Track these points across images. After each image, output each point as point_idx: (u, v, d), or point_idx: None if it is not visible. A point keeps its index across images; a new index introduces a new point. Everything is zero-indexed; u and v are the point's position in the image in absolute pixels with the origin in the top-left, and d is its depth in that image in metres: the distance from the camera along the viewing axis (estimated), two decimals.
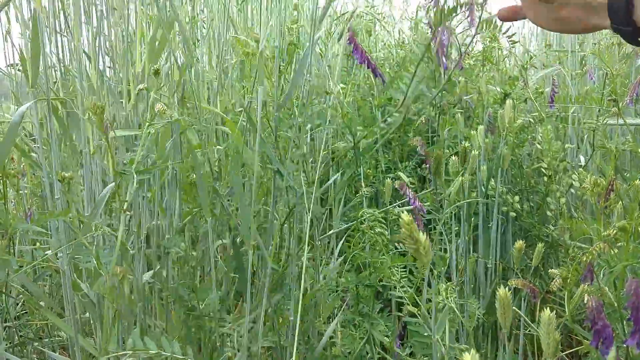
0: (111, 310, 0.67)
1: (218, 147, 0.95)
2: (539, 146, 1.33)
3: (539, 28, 2.37)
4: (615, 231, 0.61)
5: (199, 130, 1.10)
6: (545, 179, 1.34)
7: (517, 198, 1.34)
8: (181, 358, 0.61)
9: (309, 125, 0.94)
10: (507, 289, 0.60)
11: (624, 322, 0.64)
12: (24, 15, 1.12)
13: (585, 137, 1.48)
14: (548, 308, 0.53)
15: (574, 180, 1.25)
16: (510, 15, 0.67)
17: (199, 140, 0.97)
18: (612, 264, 0.62)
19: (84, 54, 0.95)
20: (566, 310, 0.61)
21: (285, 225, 0.98)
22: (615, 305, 0.63)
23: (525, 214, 1.38)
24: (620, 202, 0.83)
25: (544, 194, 1.38)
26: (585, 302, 0.59)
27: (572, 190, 1.32)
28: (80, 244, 0.71)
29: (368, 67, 1.03)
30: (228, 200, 0.95)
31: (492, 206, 1.28)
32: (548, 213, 1.27)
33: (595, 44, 1.35)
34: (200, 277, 1.07)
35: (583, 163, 1.46)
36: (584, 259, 0.60)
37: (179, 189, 0.95)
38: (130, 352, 0.60)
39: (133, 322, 0.89)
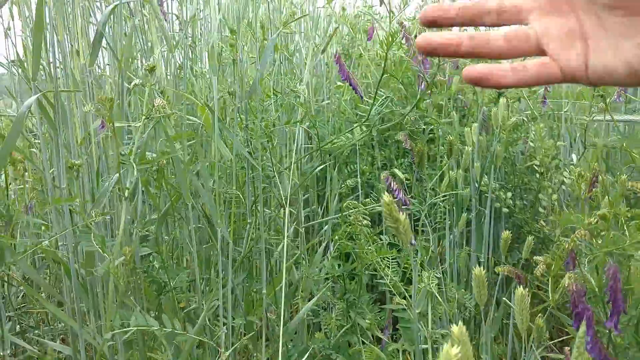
0: (112, 290, 0.69)
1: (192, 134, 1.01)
2: (531, 144, 1.35)
3: None
4: (596, 219, 0.63)
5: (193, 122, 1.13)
6: (538, 176, 1.36)
7: (509, 194, 1.36)
8: (181, 333, 0.64)
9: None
10: (483, 270, 0.62)
11: (605, 306, 0.66)
12: (26, 13, 1.14)
13: (578, 135, 1.50)
14: (524, 288, 0.55)
15: (565, 177, 1.28)
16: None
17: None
18: (595, 251, 0.65)
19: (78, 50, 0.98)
20: (550, 295, 0.64)
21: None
22: (597, 290, 0.65)
23: (518, 210, 1.40)
24: (607, 196, 0.86)
25: (536, 191, 1.40)
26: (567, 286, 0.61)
27: (564, 187, 1.34)
28: (82, 230, 0.74)
29: (350, 85, 1.23)
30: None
31: (485, 202, 1.30)
32: (540, 209, 1.30)
33: None
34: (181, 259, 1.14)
35: (575, 161, 1.49)
36: (567, 246, 0.63)
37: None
38: (134, 328, 0.63)
39: (122, 301, 0.92)
